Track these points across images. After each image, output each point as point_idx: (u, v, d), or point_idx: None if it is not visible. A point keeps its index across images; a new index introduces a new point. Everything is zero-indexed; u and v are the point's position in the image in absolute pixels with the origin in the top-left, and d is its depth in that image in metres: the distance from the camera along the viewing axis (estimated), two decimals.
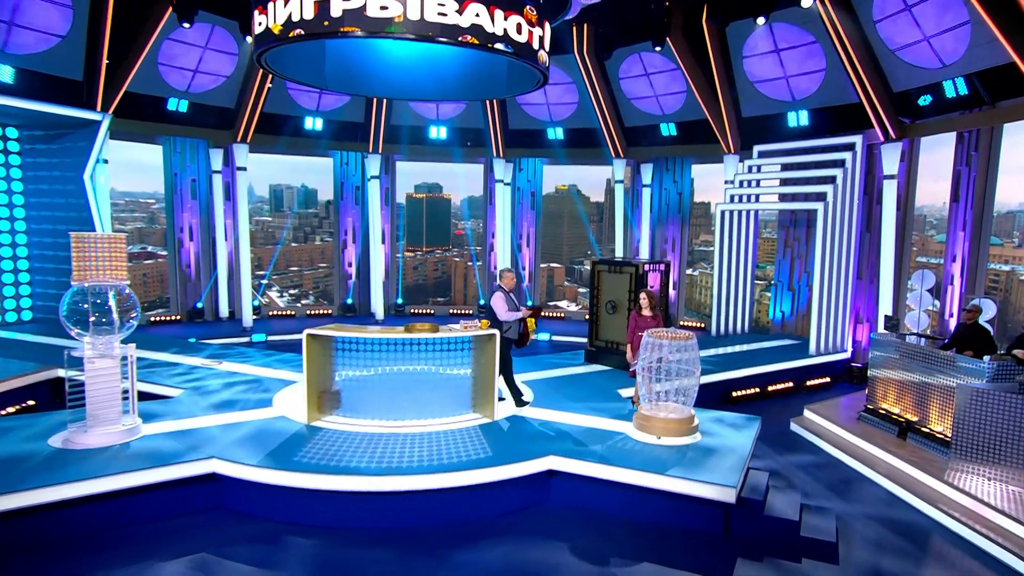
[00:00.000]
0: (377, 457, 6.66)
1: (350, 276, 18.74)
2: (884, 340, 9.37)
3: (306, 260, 40.05)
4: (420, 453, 6.77)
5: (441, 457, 6.68)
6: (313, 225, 40.07)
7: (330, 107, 17.26)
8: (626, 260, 11.57)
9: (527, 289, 19.60)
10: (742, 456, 6.97)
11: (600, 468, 6.60)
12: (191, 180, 16.25)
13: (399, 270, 19.61)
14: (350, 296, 18.65)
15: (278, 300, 36.05)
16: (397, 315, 18.87)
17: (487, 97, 15.64)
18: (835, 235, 12.87)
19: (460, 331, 7.89)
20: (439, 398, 8.13)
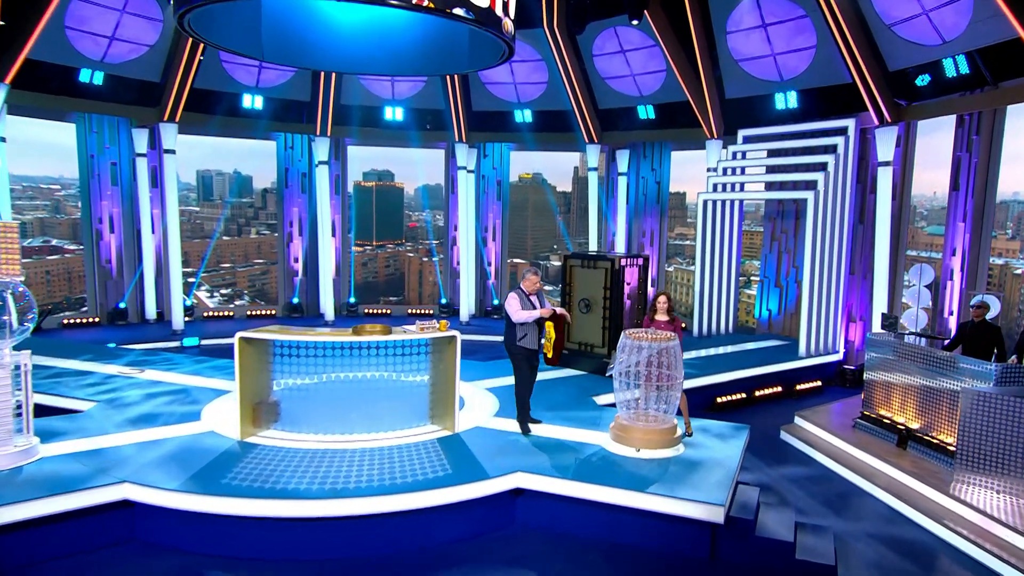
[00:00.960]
0: (320, 477, 6.35)
1: (296, 273, 18.29)
2: (881, 340, 9.33)
3: (240, 256, 38.82)
4: (370, 472, 6.50)
5: (394, 476, 6.41)
6: (248, 216, 38.94)
7: (271, 83, 16.71)
8: (601, 254, 11.42)
9: (492, 287, 19.35)
10: (730, 470, 6.81)
11: (572, 485, 6.43)
12: (111, 164, 15.53)
13: (351, 266, 19.18)
14: (296, 295, 18.19)
15: (207, 301, 34.92)
16: (350, 316, 18.51)
17: (447, 72, 15.34)
18: (826, 227, 12.89)
19: (416, 333, 7.58)
20: (393, 409, 7.83)
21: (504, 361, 12.20)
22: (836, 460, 8.75)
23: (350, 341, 7.42)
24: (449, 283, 19.49)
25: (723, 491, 6.26)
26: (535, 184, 48.22)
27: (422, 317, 18.74)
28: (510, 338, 7.56)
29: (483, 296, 19.42)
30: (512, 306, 7.46)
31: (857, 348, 13.59)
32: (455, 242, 19.04)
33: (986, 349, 8.54)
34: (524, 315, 7.43)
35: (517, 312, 7.42)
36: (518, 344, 7.51)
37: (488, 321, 18.61)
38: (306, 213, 18.07)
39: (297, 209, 18.08)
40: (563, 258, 11.28)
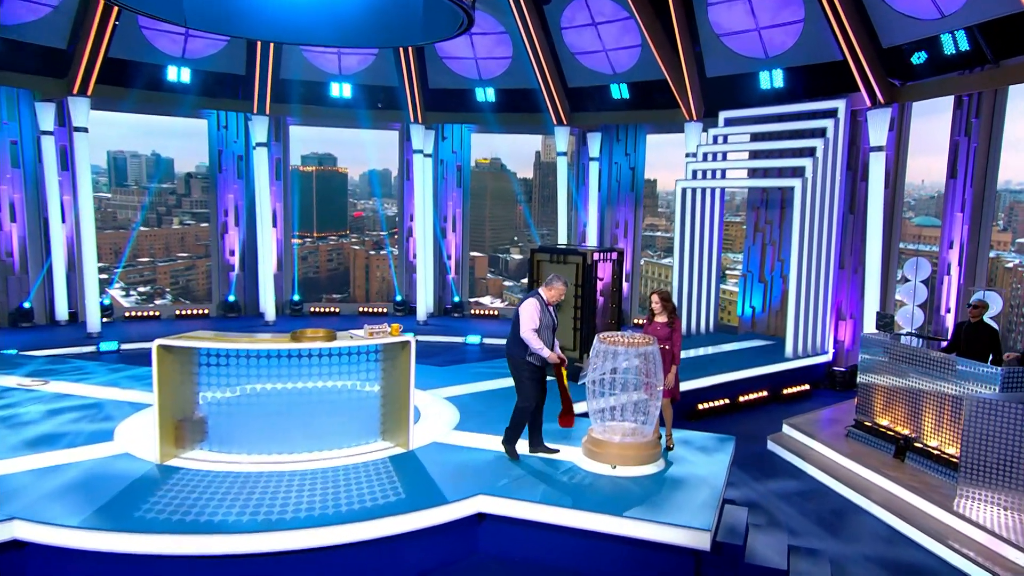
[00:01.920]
0: (253, 506, 6.02)
1: (232, 268, 17.82)
2: (876, 341, 9.29)
3: (160, 249, 37.35)
4: (311, 498, 6.20)
5: (339, 503, 6.12)
6: (169, 204, 37.43)
7: (200, 54, 16.08)
8: (572, 248, 11.28)
9: (453, 283, 19.09)
10: (716, 489, 6.68)
11: (540, 509, 6.25)
12: (10, 142, 14.75)
13: (294, 260, 18.73)
14: (233, 292, 17.71)
15: (122, 300, 33.57)
16: (293, 315, 18.17)
17: (399, 44, 14.98)
18: (814, 217, 12.90)
19: (364, 338, 7.24)
20: (338, 424, 7.51)
21: (466, 366, 12.15)
22: (829, 473, 8.67)
23: (288, 349, 7.03)
24: (405, 279, 19.20)
25: (709, 513, 6.11)
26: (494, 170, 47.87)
27: (374, 317, 18.54)
28: (516, 349, 7.07)
29: (442, 293, 19.22)
30: (528, 316, 6.92)
31: (847, 348, 13.65)
32: (411, 233, 18.78)
33: (983, 352, 8.52)
34: (537, 340, 6.91)
35: (531, 327, 6.88)
36: (527, 359, 7.04)
37: (448, 320, 18.38)
38: (243, 201, 17.57)
39: (233, 196, 17.55)
40: (530, 252, 11.11)
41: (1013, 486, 6.93)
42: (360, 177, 47.35)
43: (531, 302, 7.02)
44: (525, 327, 6.91)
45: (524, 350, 7.00)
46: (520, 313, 7.00)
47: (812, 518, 7.69)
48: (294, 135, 18.29)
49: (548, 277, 7.26)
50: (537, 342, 6.92)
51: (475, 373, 11.08)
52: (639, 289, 18.35)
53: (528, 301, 7.04)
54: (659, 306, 7.57)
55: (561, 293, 7.22)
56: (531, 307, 6.99)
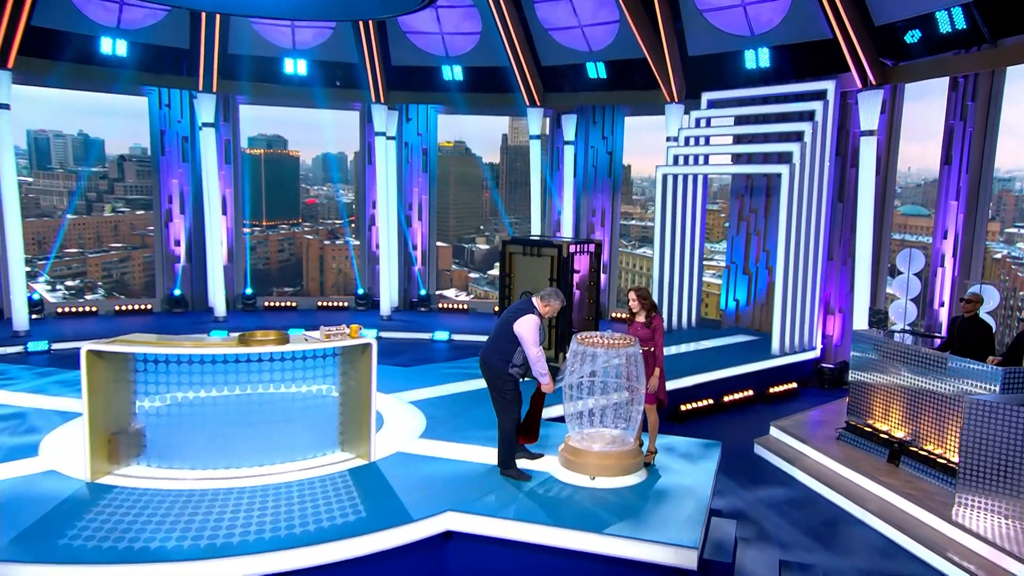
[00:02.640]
0: (196, 529, 5.76)
1: (178, 259, 17.44)
2: (868, 339, 9.26)
3: (90, 239, 35.89)
4: (262, 519, 5.97)
5: (292, 523, 5.90)
6: (100, 190, 35.90)
7: (138, 24, 15.56)
8: (546, 239, 11.21)
9: (419, 275, 18.87)
10: (702, 500, 6.59)
11: (513, 526, 6.13)
12: None
13: (246, 251, 18.34)
14: (179, 285, 17.37)
15: (48, 295, 32.32)
16: (246, 310, 17.88)
17: (358, 17, 14.65)
18: (801, 205, 12.87)
19: (320, 340, 6.99)
20: (293, 434, 7.27)
21: (434, 367, 11.95)
22: (819, 479, 8.65)
23: (236, 354, 6.74)
24: (367, 270, 18.95)
25: (695, 529, 6.00)
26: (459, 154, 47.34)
27: (334, 312, 18.21)
28: (499, 361, 6.90)
29: (408, 285, 19.03)
30: (531, 335, 6.78)
31: (836, 344, 13.69)
32: (373, 222, 18.54)
33: (977, 348, 8.51)
34: (544, 362, 6.82)
35: (535, 345, 6.77)
36: (510, 372, 6.89)
37: (414, 315, 18.19)
38: (189, 186, 17.14)
39: (177, 182, 17.12)
40: (501, 244, 10.96)
41: (1015, 493, 6.91)
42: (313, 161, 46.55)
43: (532, 320, 6.82)
44: (532, 348, 6.76)
45: (506, 361, 6.85)
46: (520, 331, 6.79)
47: (803, 529, 7.65)
48: (244, 115, 17.83)
49: (546, 291, 7.09)
50: (544, 364, 6.82)
51: (443, 374, 10.95)
52: (617, 282, 18.25)
53: (529, 318, 6.83)
54: (636, 304, 7.39)
55: (556, 311, 7.10)
56: (533, 324, 6.81)
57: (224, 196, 17.20)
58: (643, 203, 48.72)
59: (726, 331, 15.16)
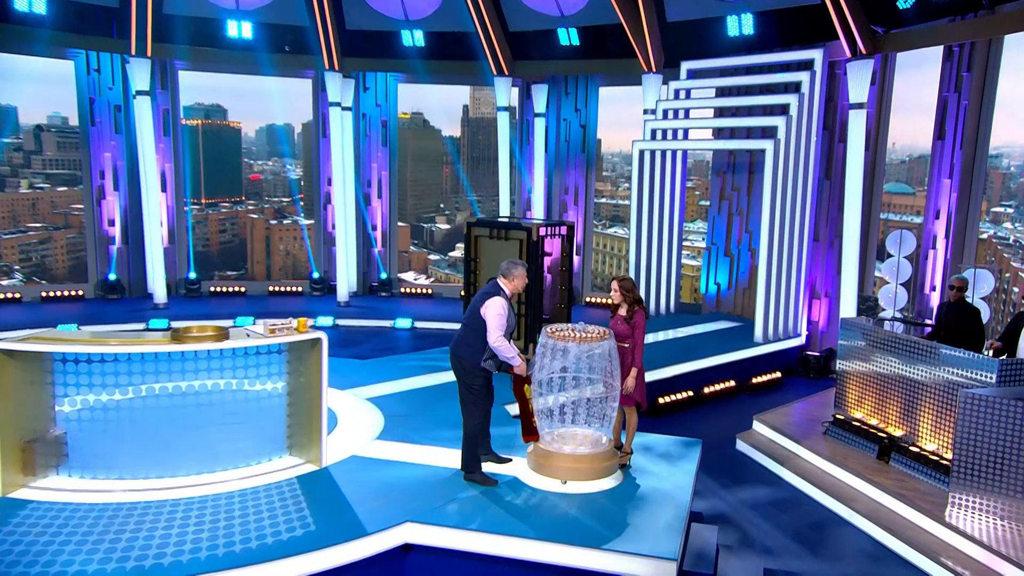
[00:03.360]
0: (122, 549, 5.48)
1: (113, 240, 16.99)
2: (856, 327, 9.22)
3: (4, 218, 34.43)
4: (198, 535, 5.74)
5: (233, 540, 5.68)
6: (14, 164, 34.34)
7: None
8: (515, 222, 11.04)
9: (379, 257, 18.58)
10: (682, 506, 6.52)
11: (478, 538, 6.03)
12: None
13: (189, 231, 17.89)
14: (113, 269, 16.95)
15: None
16: (190, 296, 17.59)
17: None
18: (786, 183, 12.82)
19: (263, 336, 6.72)
20: (235, 438, 7.02)
21: (394, 358, 11.74)
22: (805, 478, 8.61)
23: (168, 351, 6.44)
24: (322, 252, 18.66)
25: (674, 538, 5.93)
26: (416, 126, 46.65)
27: (287, 297, 17.85)
28: (469, 353, 6.67)
29: (367, 269, 18.81)
30: (495, 319, 6.52)
31: (822, 330, 13.75)
32: (329, 200, 18.23)
33: (965, 335, 8.54)
34: (510, 348, 6.59)
35: (500, 331, 6.53)
36: (482, 364, 6.66)
37: (374, 301, 17.99)
38: (123, 160, 16.64)
39: (110, 155, 16.60)
40: (466, 226, 10.79)
41: (1011, 492, 6.88)
42: (257, 133, 45.35)
43: (498, 302, 6.58)
44: (493, 333, 6.51)
45: (479, 354, 6.64)
46: (485, 315, 6.56)
47: (789, 533, 7.60)
48: (187, 82, 17.36)
49: (503, 266, 6.81)
50: (510, 350, 6.59)
51: (403, 367, 10.79)
52: (592, 264, 18.13)
53: (494, 301, 6.58)
54: (618, 295, 7.18)
55: (524, 281, 6.84)
56: (498, 307, 6.57)
57: (163, 171, 16.74)
58: (614, 180, 48.56)
59: (706, 317, 15.15)
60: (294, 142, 16.88)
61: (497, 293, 6.64)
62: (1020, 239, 39.67)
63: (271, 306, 16.89)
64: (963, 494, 7.10)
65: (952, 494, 7.18)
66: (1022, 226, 43.91)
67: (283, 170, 40.82)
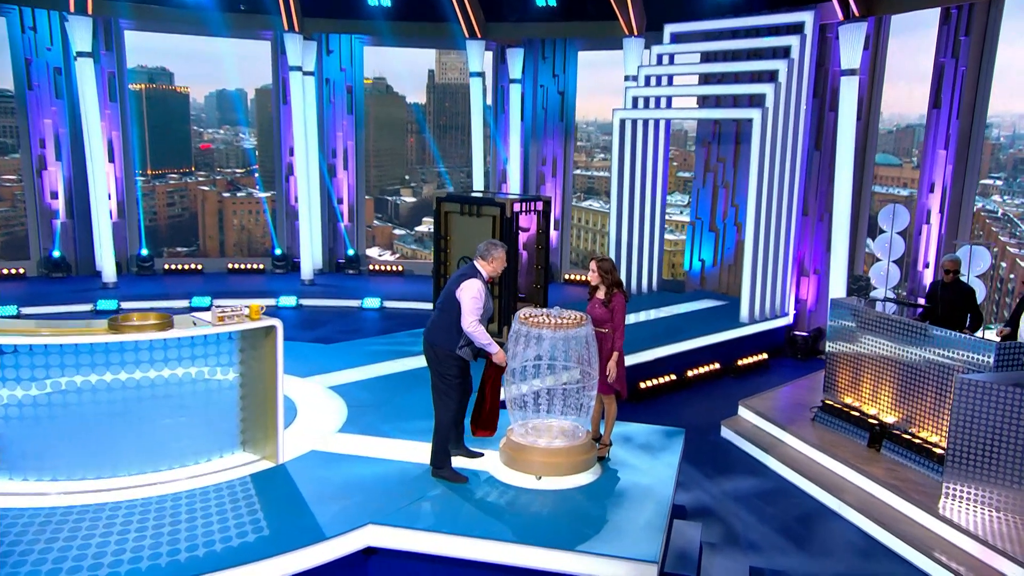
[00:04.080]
0: (53, 560, 5.26)
1: (56, 214, 16.64)
2: (846, 307, 9.15)
3: None
4: (140, 542, 5.52)
5: (178, 547, 5.48)
6: None
7: None
8: (487, 197, 10.87)
9: (346, 232, 18.35)
10: (663, 502, 6.41)
11: (445, 540, 5.90)
12: None
13: (138, 204, 17.52)
14: (57, 246, 16.63)
15: None
16: (142, 274, 17.33)
17: None
18: (774, 154, 12.72)
19: (212, 324, 6.47)
20: (182, 432, 6.79)
21: (360, 342, 11.55)
22: (792, 467, 8.57)
23: (106, 341, 6.16)
24: (285, 228, 18.44)
25: (655, 538, 5.82)
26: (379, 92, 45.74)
27: (247, 275, 17.53)
28: (444, 339, 6.49)
29: (333, 244, 18.64)
30: (470, 303, 6.32)
31: (810, 309, 13.75)
32: (291, 171, 18.00)
33: (960, 316, 8.51)
34: (486, 334, 6.40)
35: (475, 316, 6.33)
36: (457, 352, 6.48)
37: (341, 279, 17.84)
38: (65, 128, 16.21)
39: (51, 122, 16.16)
40: (436, 202, 10.67)
41: (1007, 483, 6.85)
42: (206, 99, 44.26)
43: (474, 285, 6.37)
44: (467, 317, 6.32)
45: (454, 341, 6.45)
46: (460, 297, 6.36)
47: (775, 526, 7.57)
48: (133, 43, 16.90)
49: (481, 247, 6.62)
50: (485, 336, 6.40)
51: (370, 352, 10.63)
52: (570, 240, 17.99)
53: (470, 283, 6.38)
54: (596, 277, 6.99)
55: (503, 264, 6.63)
56: (474, 290, 6.36)
57: (111, 140, 16.38)
58: (588, 150, 48.19)
59: (690, 295, 15.11)
60: (248, 109, 16.41)
61: (474, 275, 6.44)
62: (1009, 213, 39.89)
63: (230, 285, 16.65)
64: (958, 484, 7.06)
65: (946, 484, 7.14)
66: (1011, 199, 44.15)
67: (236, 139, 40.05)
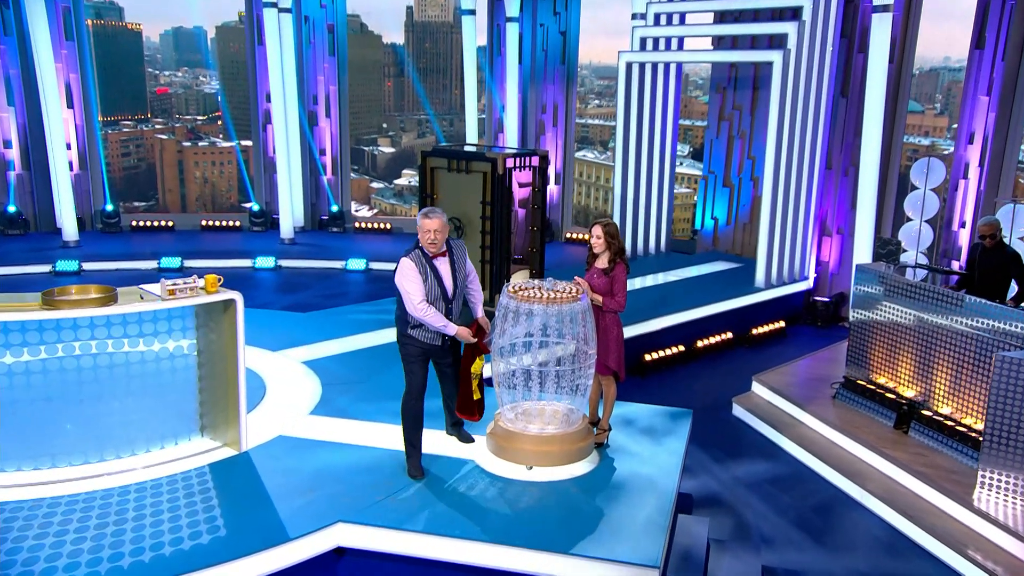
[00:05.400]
0: None
1: (10, 165, 16.52)
2: (873, 274, 8.95)
3: None
4: (79, 544, 5.33)
5: (121, 551, 5.27)
6: None
7: None
8: (477, 152, 10.68)
9: (328, 186, 18.09)
10: (666, 495, 6.20)
11: (424, 541, 5.71)
12: None
13: (100, 155, 17.26)
14: (12, 200, 16.55)
15: None
16: (107, 231, 17.23)
17: None
18: (796, 102, 12.47)
19: (163, 298, 6.23)
20: (131, 416, 6.55)
21: (341, 310, 11.40)
22: (810, 450, 8.50)
23: (39, 319, 5.87)
24: (264, 181, 18.21)
25: (656, 538, 5.61)
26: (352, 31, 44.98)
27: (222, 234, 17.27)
28: (399, 318, 6.31)
29: (316, 200, 18.49)
30: (404, 283, 6.07)
31: (832, 272, 13.64)
32: (269, 119, 17.72)
33: (1003, 285, 8.29)
34: (437, 316, 6.10)
35: (418, 297, 6.05)
36: (409, 333, 6.25)
37: (323, 237, 17.74)
38: (16, 69, 15.92)
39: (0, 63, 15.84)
40: (421, 156, 10.42)
41: None
42: (161, 39, 43.41)
43: (404, 265, 6.09)
44: (410, 302, 6.06)
45: (406, 323, 6.22)
46: (398, 285, 6.12)
47: (790, 518, 7.45)
48: None
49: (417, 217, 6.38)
50: (437, 318, 6.11)
51: (352, 321, 10.42)
52: (573, 196, 17.71)
53: (401, 264, 6.11)
54: (601, 244, 6.64)
55: (434, 232, 6.18)
56: (406, 272, 6.08)
57: (68, 83, 16.17)
58: (582, 96, 47.65)
59: (701, 257, 15.01)
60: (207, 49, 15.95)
61: (407, 253, 6.16)
62: None
63: (203, 244, 16.50)
64: (995, 472, 6.92)
65: (982, 472, 7.01)
66: None
67: (196, 82, 39.61)
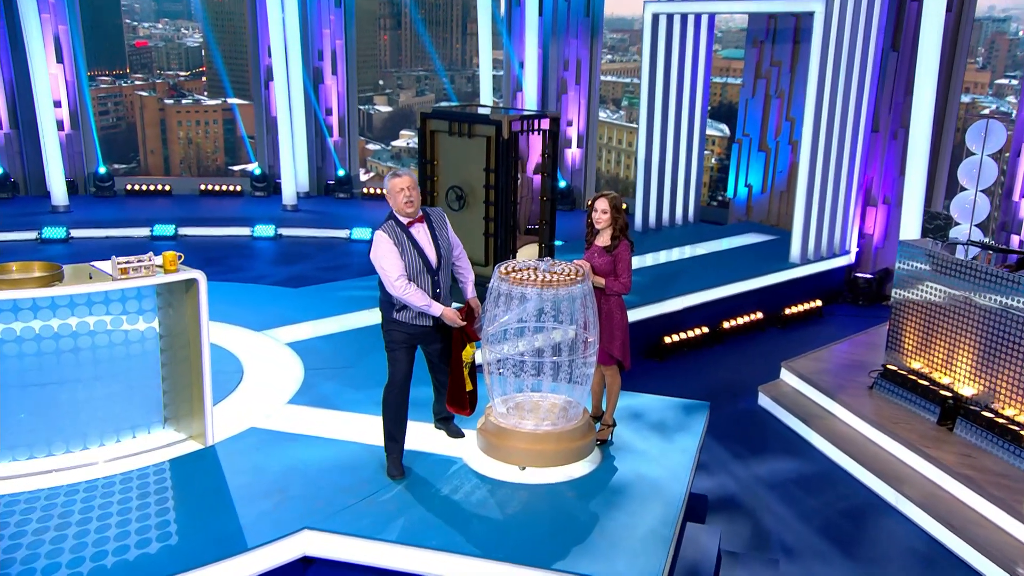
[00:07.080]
0: None
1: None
2: (919, 251, 8.65)
3: None
4: (12, 552, 5.18)
5: (59, 560, 5.11)
6: None
7: None
8: (481, 114, 10.45)
9: (334, 149, 18.10)
10: (674, 502, 5.98)
11: (402, 552, 5.54)
12: None
13: (90, 115, 17.61)
14: (1, 163, 16.66)
15: None
16: (100, 195, 17.40)
17: None
18: (840, 57, 12.19)
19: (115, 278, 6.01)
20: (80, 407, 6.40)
21: (336, 286, 11.37)
22: (842, 448, 8.25)
23: None
24: (265, 142, 18.20)
25: (659, 552, 5.38)
26: None
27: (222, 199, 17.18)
28: (382, 307, 6.10)
29: (321, 163, 18.50)
30: (380, 260, 5.83)
31: (876, 245, 13.42)
32: (270, 76, 17.62)
33: None
34: (419, 294, 5.84)
35: (397, 273, 5.79)
36: (394, 317, 6.01)
37: (329, 204, 17.72)
38: (1, 20, 15.94)
39: None
40: (419, 119, 10.11)
41: None
42: None
43: (378, 239, 5.82)
44: (389, 280, 5.80)
45: (390, 305, 5.98)
46: (373, 261, 5.89)
47: (816, 524, 7.20)
48: None
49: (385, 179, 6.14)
50: (420, 296, 5.84)
51: (346, 298, 10.31)
52: (596, 163, 17.48)
53: (375, 239, 5.85)
54: (605, 219, 6.29)
55: (407, 189, 5.84)
56: (381, 245, 5.81)
57: (57, 36, 16.21)
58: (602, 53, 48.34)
59: (733, 228, 14.89)
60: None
61: (379, 227, 5.89)
62: None
63: (200, 210, 16.60)
64: None
65: None
66: None
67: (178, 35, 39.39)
